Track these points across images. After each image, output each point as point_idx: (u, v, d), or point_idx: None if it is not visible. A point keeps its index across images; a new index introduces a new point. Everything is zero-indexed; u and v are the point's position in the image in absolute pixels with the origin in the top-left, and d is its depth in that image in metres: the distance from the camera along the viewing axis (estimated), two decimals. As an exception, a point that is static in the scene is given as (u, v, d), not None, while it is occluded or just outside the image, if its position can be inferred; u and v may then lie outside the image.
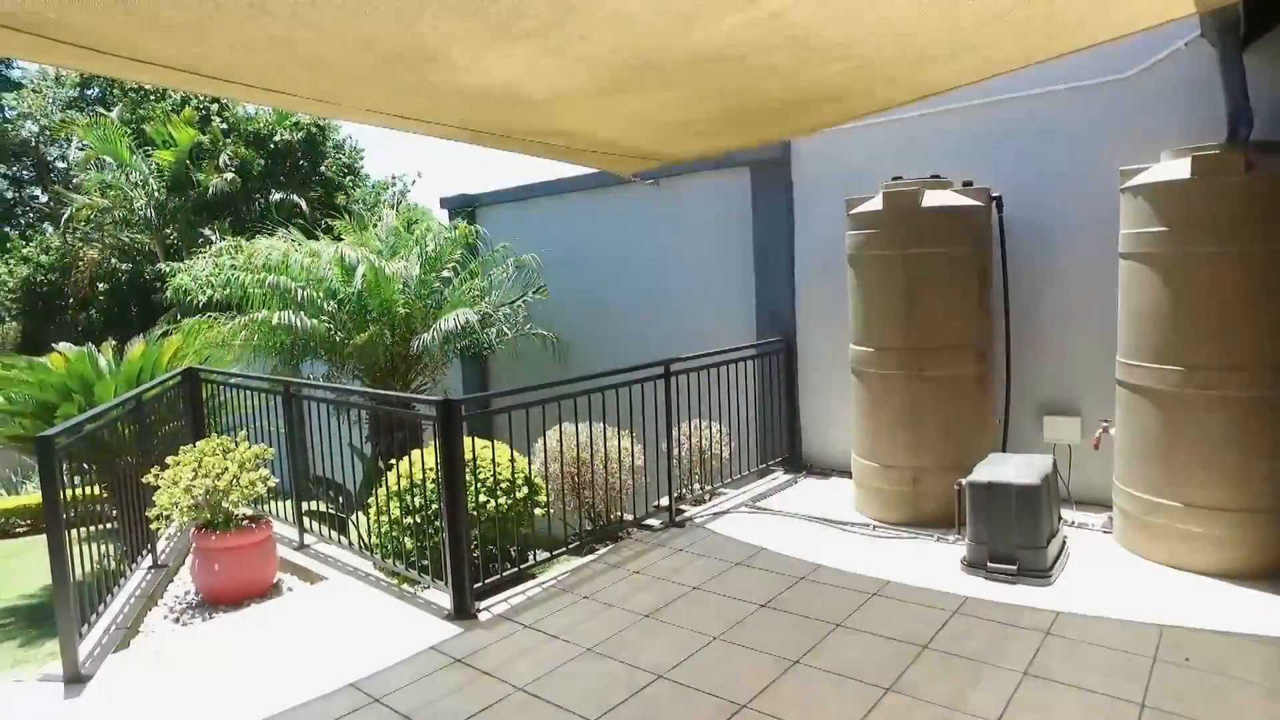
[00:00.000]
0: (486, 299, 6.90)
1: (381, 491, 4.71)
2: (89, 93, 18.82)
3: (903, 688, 3.20)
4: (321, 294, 6.65)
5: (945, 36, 2.99)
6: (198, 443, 4.67)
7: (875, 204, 5.41)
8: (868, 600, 4.11)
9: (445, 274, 7.32)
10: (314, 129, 16.80)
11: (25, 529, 10.57)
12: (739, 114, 3.90)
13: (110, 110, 16.20)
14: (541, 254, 7.93)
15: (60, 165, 18.64)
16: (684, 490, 5.97)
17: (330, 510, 6.25)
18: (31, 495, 10.91)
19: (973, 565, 4.40)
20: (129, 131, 14.80)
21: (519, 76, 3.00)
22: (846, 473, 6.26)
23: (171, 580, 4.91)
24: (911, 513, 5.28)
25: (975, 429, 5.34)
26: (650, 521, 5.52)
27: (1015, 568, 4.22)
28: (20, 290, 16.28)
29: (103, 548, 4.34)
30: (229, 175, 14.24)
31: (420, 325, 6.93)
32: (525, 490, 4.71)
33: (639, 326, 7.98)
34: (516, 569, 4.46)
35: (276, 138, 16.04)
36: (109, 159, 14.39)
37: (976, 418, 5.36)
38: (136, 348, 7.20)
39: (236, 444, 4.63)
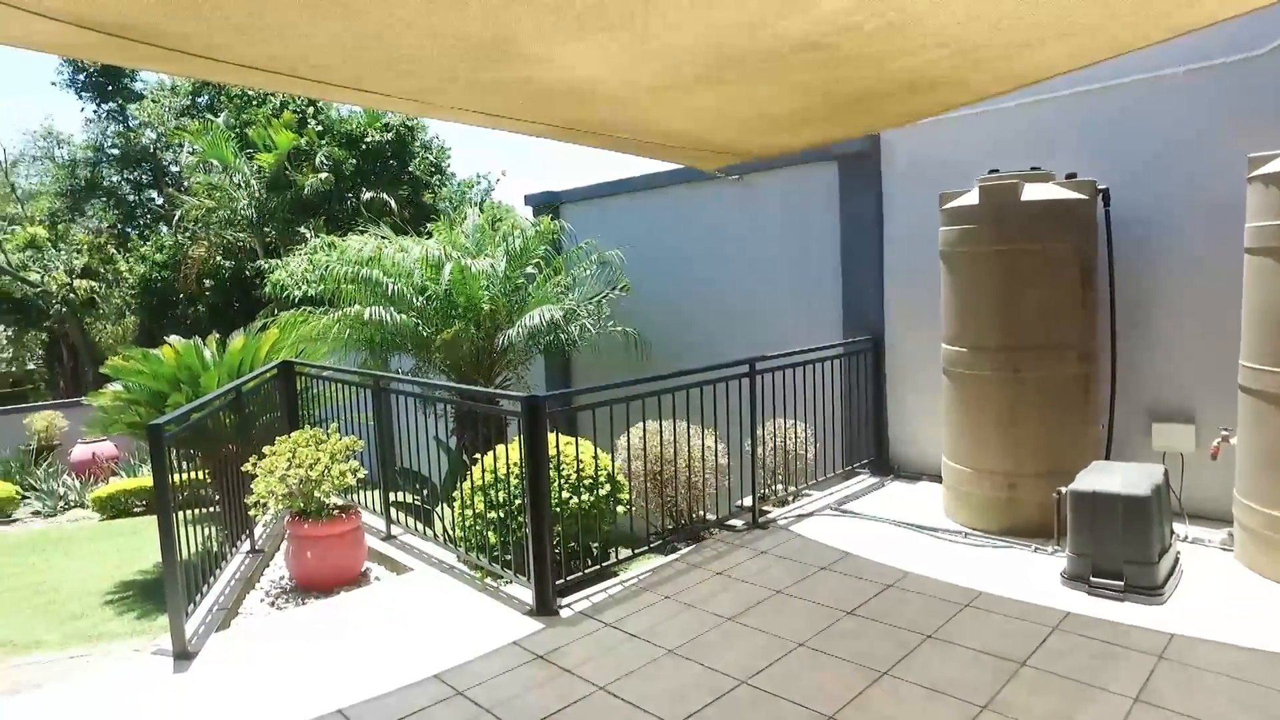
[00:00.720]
0: (570, 295, 6.95)
1: (466, 485, 4.79)
2: (199, 100, 19.88)
3: (1000, 706, 3.04)
4: (410, 290, 6.83)
5: (1051, 18, 2.81)
6: (292, 433, 4.85)
7: (971, 198, 5.17)
8: (959, 611, 3.93)
9: (529, 270, 7.40)
10: (403, 129, 17.30)
11: (141, 509, 11.24)
12: (828, 106, 3.78)
13: (217, 116, 17.08)
14: (623, 250, 7.94)
15: (174, 169, 19.77)
16: (767, 491, 5.87)
17: (415, 502, 6.41)
18: (145, 478, 11.59)
19: (1074, 579, 4.16)
20: (233, 136, 15.57)
21: (602, 71, 2.97)
22: (936, 477, 6.04)
23: (268, 565, 5.12)
24: (1006, 521, 5.03)
25: (1076, 434, 5.05)
26: (733, 522, 5.45)
27: (1122, 584, 3.96)
28: (138, 286, 17.35)
29: (206, 531, 4.55)
30: (324, 175, 14.82)
31: (505, 321, 7.03)
32: (608, 488, 4.71)
33: (720, 324, 7.89)
34: (598, 567, 4.46)
35: (368, 138, 16.58)
36: (216, 162, 15.19)
37: (1077, 422, 5.07)
38: (237, 341, 7.54)
39: (328, 435, 4.79)
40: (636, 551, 4.79)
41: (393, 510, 5.50)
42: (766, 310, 7.61)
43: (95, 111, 19.51)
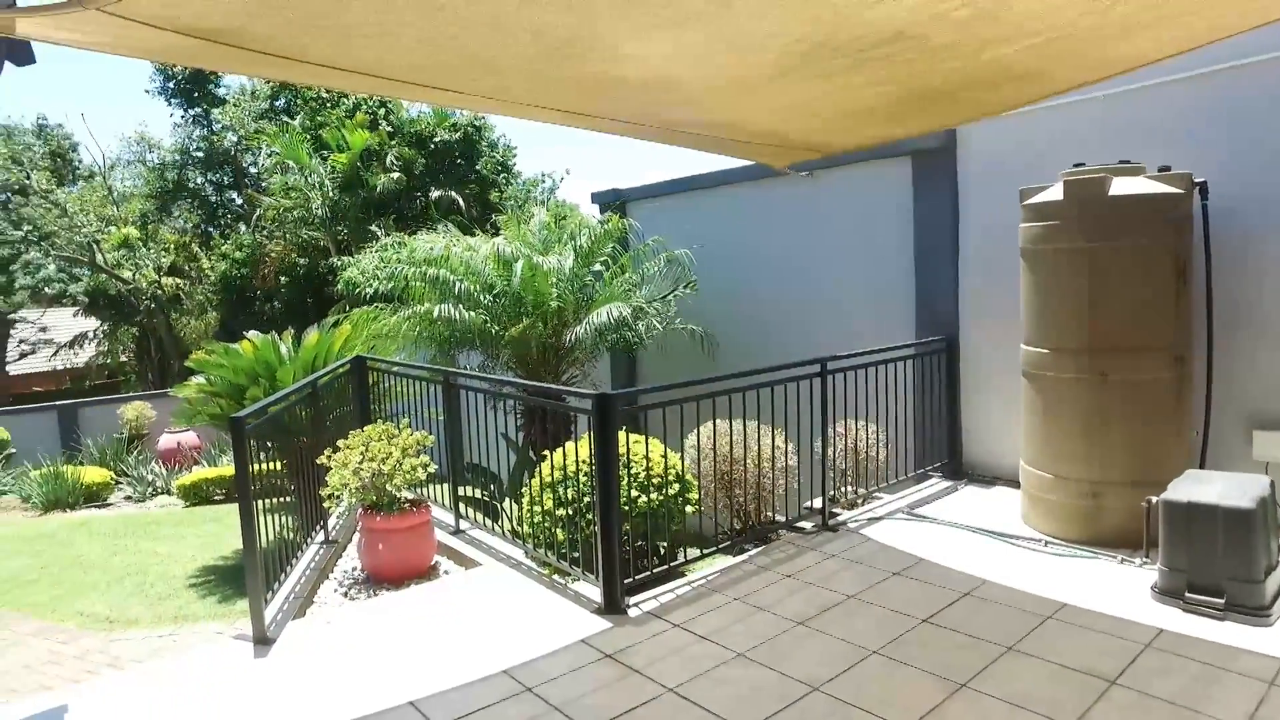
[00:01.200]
0: (637, 293, 6.94)
1: (535, 481, 4.82)
2: (277, 104, 20.59)
3: (1089, 726, 2.90)
4: (478, 287, 6.93)
5: (1146, 4, 2.65)
6: (365, 427, 4.95)
7: (1055, 193, 4.96)
8: (1042, 623, 3.77)
9: (596, 268, 7.43)
10: (470, 129, 17.59)
11: (221, 497, 11.70)
12: (911, 100, 3.67)
13: (294, 119, 17.65)
14: (689, 248, 7.89)
15: (253, 171, 20.53)
16: (836, 493, 5.75)
17: (482, 496, 6.49)
18: (225, 467, 12.06)
19: (1166, 594, 3.95)
20: (308, 138, 16.07)
21: (683, 65, 2.93)
22: (1013, 482, 5.83)
23: (340, 556, 5.25)
24: (1089, 530, 4.82)
25: (1167, 441, 4.80)
26: (802, 524, 5.35)
27: (1222, 601, 3.74)
28: (219, 283, 18.07)
29: (283, 521, 4.69)
30: (395, 175, 15.17)
31: (572, 318, 7.07)
32: (677, 487, 4.67)
33: (788, 323, 7.78)
34: (666, 566, 4.44)
35: (436, 138, 16.91)
36: (292, 163, 15.71)
37: (1169, 429, 4.81)
38: (311, 336, 7.77)
39: (400, 430, 4.88)
40: (705, 552, 4.75)
41: (461, 505, 5.58)
42: (835, 309, 7.47)
43: (182, 117, 20.37)
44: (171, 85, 20.02)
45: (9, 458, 12.76)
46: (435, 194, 16.17)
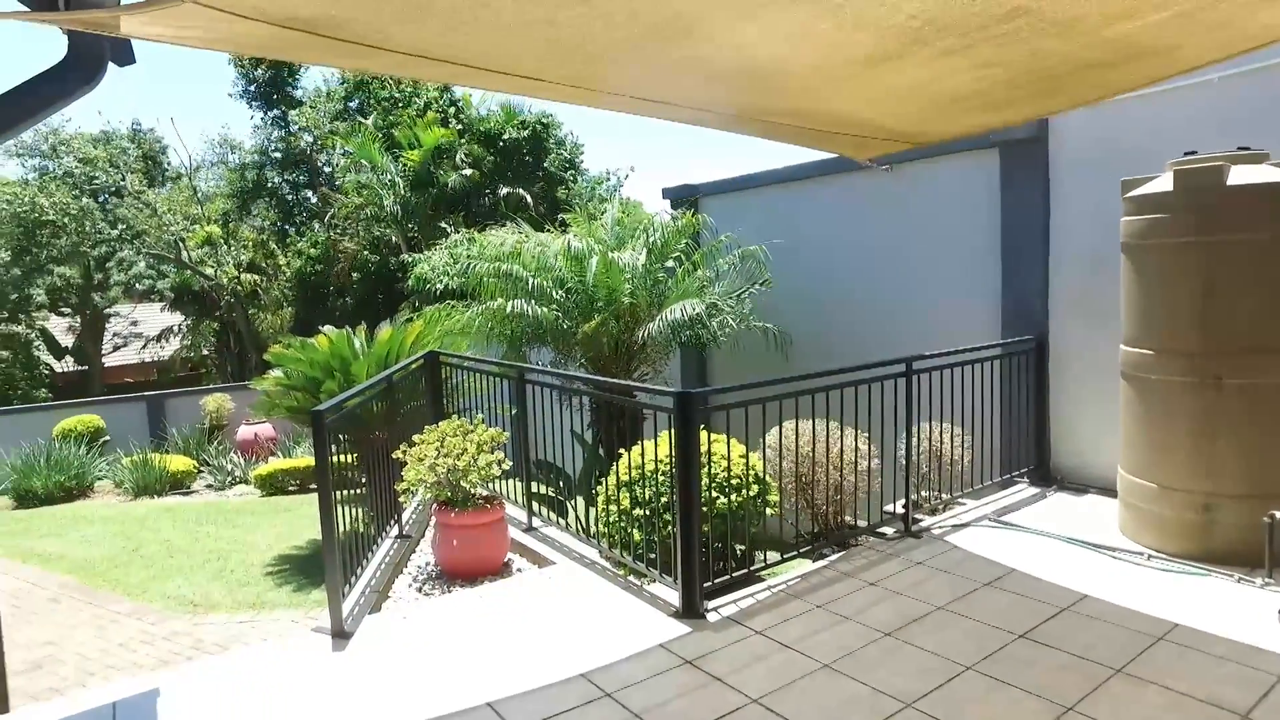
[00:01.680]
0: (711, 290, 6.81)
1: (610, 480, 4.74)
2: (351, 105, 21.09)
3: (1217, 761, 2.66)
4: (550, 283, 6.89)
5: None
6: (440, 423, 4.95)
7: (1163, 184, 4.64)
8: (1152, 645, 3.51)
9: (669, 264, 7.32)
10: (538, 126, 17.69)
11: (295, 488, 12.01)
12: (1019, 84, 3.45)
13: (366, 119, 18.03)
14: (765, 244, 7.72)
15: (327, 170, 21.08)
16: (918, 498, 5.53)
17: (551, 493, 6.45)
18: (299, 459, 12.38)
19: (1293, 616, 3.64)
20: (380, 137, 16.38)
21: (784, 48, 2.80)
22: (1107, 490, 5.52)
23: (414, 551, 5.27)
24: (1199, 545, 4.49)
25: (1290, 451, 4.44)
26: (884, 529, 5.15)
27: (1360, 626, 3.43)
28: (295, 279, 18.61)
29: (359, 514, 4.72)
30: (467, 172, 15.33)
31: (644, 315, 6.99)
32: (756, 489, 4.54)
33: (863, 321, 7.54)
34: (745, 570, 4.30)
35: (505, 136, 17.05)
36: (365, 161, 16.03)
37: (1293, 438, 4.45)
38: (384, 332, 7.87)
39: (475, 426, 4.86)
40: (785, 556, 4.59)
41: (533, 502, 5.54)
42: (914, 308, 7.20)
43: (262, 119, 21.06)
44: (252, 89, 20.69)
45: (105, 444, 13.35)
46: (504, 191, 16.31)
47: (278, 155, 20.83)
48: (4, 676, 4.76)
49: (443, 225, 15.29)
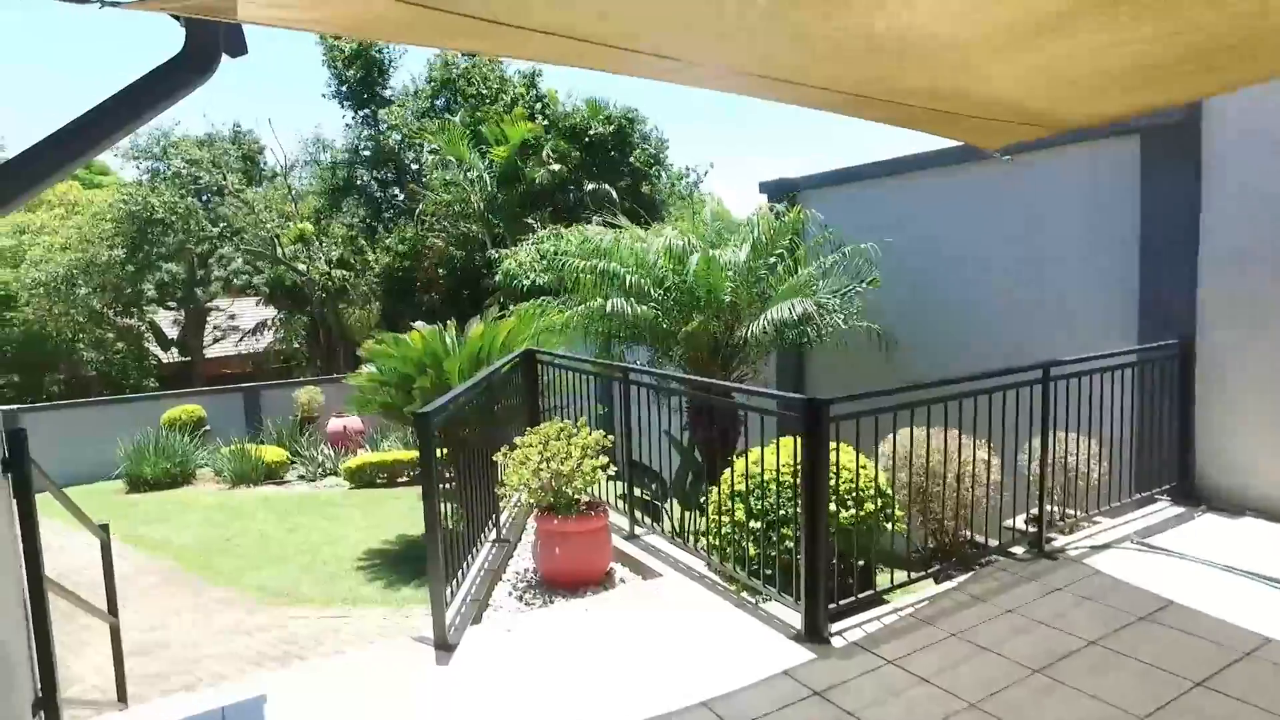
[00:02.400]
0: (816, 287, 6.46)
1: (718, 489, 4.47)
2: (437, 103, 21.41)
3: None
4: (649, 281, 6.66)
5: None
6: (543, 425, 4.77)
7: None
8: (1362, 701, 3.03)
9: (770, 261, 7.00)
10: (624, 121, 17.54)
11: (383, 481, 12.17)
12: (1200, 54, 3.02)
13: (453, 116, 18.21)
14: (873, 241, 7.32)
15: (414, 167, 21.45)
16: (1047, 514, 5.07)
17: (645, 497, 6.23)
18: (387, 453, 12.55)
19: None
20: (468, 133, 16.49)
21: (941, 15, 2.48)
22: (1271, 514, 4.94)
23: (512, 556, 5.10)
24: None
25: None
26: (1014, 549, 4.72)
27: None
28: (382, 275, 18.96)
29: (460, 518, 4.57)
30: (555, 167, 15.28)
31: (746, 314, 6.69)
32: (878, 502, 4.20)
33: (976, 324, 7.05)
34: (872, 591, 3.97)
35: (591, 131, 16.95)
36: (452, 158, 16.16)
37: None
38: (476, 328, 7.79)
39: (578, 429, 4.66)
40: (914, 577, 4.23)
41: (626, 506, 5.31)
42: (1035, 310, 6.68)
43: (353, 118, 21.57)
44: (344, 89, 21.20)
45: (206, 433, 13.84)
46: (590, 187, 16.21)
47: (367, 154, 21.29)
48: (122, 672, 4.84)
49: (528, 221, 15.29)
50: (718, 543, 4.35)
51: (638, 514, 5.27)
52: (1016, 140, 4.93)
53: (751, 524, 4.08)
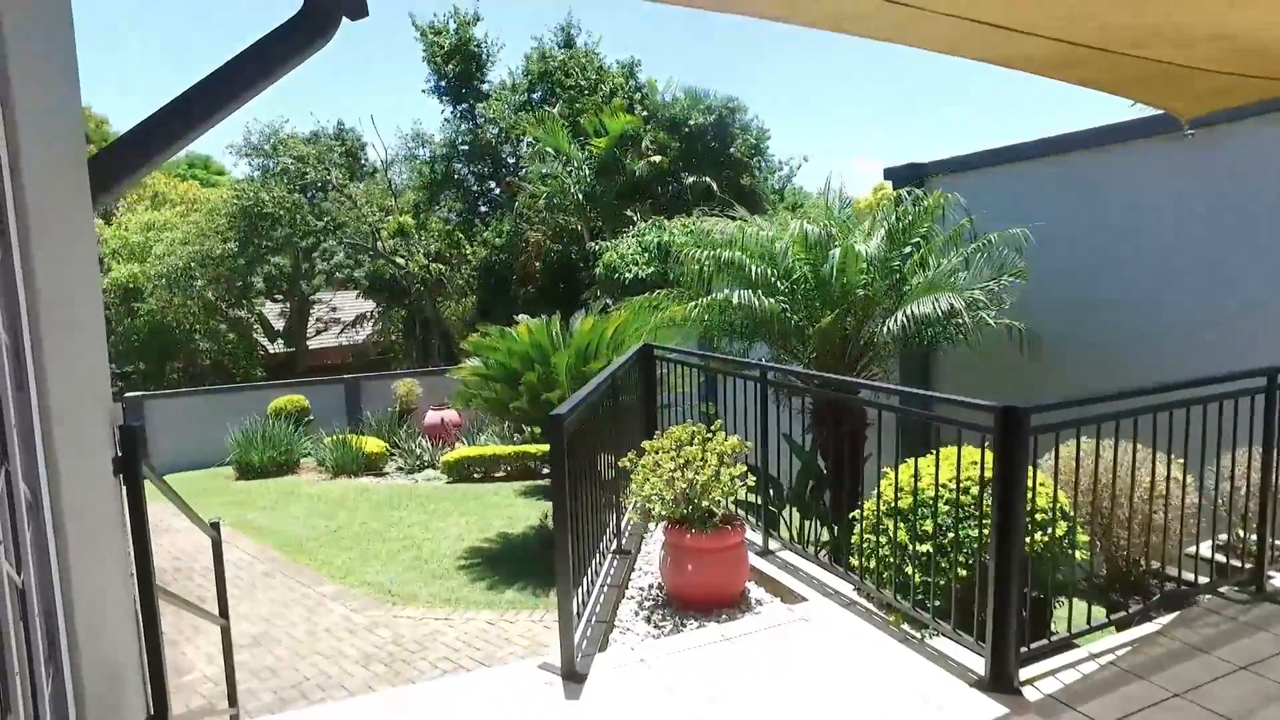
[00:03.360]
0: (958, 280, 5.81)
1: (873, 504, 3.95)
2: (534, 96, 21.35)
3: None
4: (775, 272, 6.14)
5: None
6: (673, 428, 4.33)
7: None
8: None
9: (905, 251, 6.37)
10: (724, 111, 16.99)
11: (480, 475, 12.06)
12: None
13: (550, 108, 18.04)
14: (1011, 228, 6.60)
15: (510, 161, 21.46)
16: (1235, 540, 4.34)
17: (761, 502, 5.74)
18: (485, 447, 12.44)
19: None
20: (566, 125, 16.26)
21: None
22: None
23: (634, 569, 4.70)
24: None
25: None
26: (1221, 587, 4.02)
27: None
28: (479, 269, 19.01)
29: (583, 527, 4.19)
30: (655, 159, 14.88)
31: (880, 309, 6.11)
32: (1063, 526, 3.60)
33: (1144, 322, 6.25)
34: (1068, 634, 3.38)
35: (691, 121, 16.48)
36: (550, 150, 15.95)
37: None
38: (585, 321, 7.46)
39: (713, 432, 4.20)
40: (1113, 618, 3.61)
41: (750, 514, 4.84)
42: (1220, 306, 5.85)
43: (451, 113, 21.74)
44: (443, 84, 21.37)
45: (309, 423, 14.08)
46: (689, 179, 15.74)
47: (464, 148, 21.41)
48: (233, 674, 4.69)
49: (628, 213, 14.94)
50: (872, 565, 3.84)
51: (777, 528, 4.78)
52: (1224, 106, 4.23)
53: (918, 547, 3.55)
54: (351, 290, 25.09)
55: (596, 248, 13.24)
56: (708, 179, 15.81)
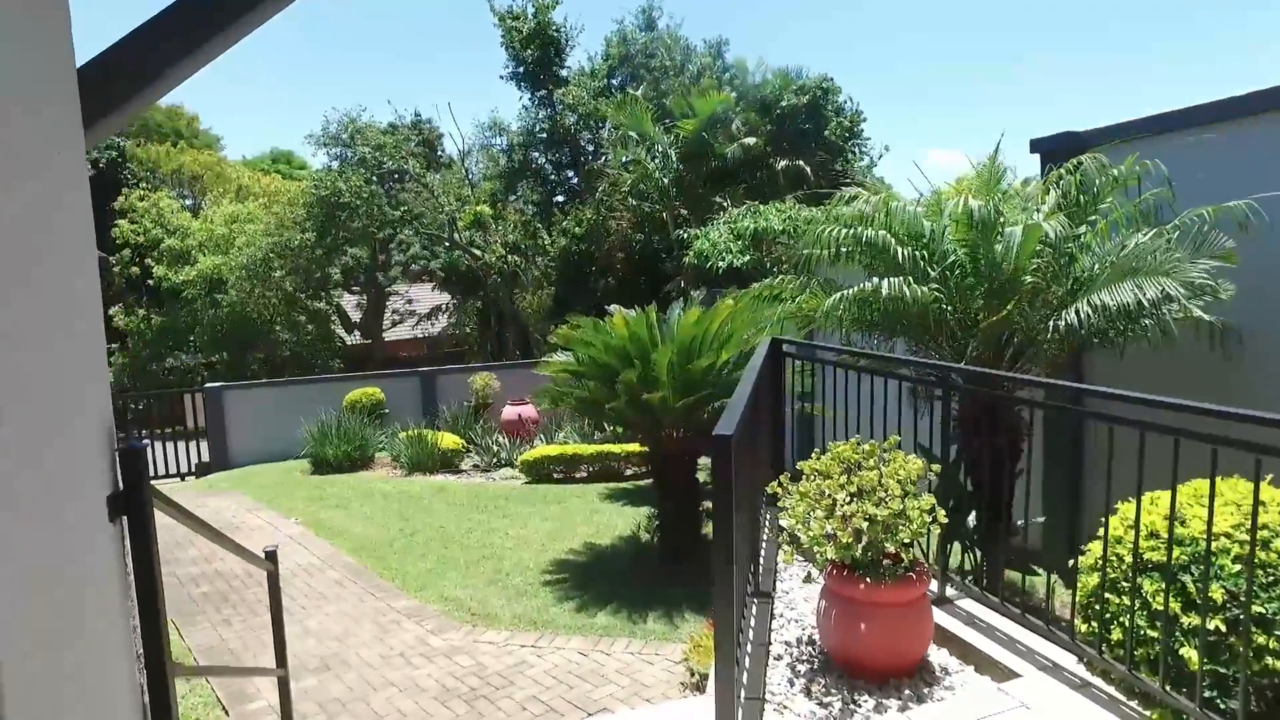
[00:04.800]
0: (1156, 261, 4.71)
1: (1099, 546, 2.97)
2: (613, 81, 20.59)
3: None
4: (926, 256, 5.13)
5: None
6: (833, 445, 3.42)
7: None
8: None
9: (1077, 230, 5.28)
10: (818, 91, 15.88)
11: (560, 476, 11.39)
12: None
13: (635, 91, 17.20)
14: (1195, 205, 5.44)
15: (589, 149, 20.75)
16: None
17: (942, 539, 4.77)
18: (565, 445, 11.75)
19: None
20: (652, 108, 15.40)
21: None
22: None
23: (773, 616, 3.83)
24: None
25: None
26: None
27: None
28: (558, 259, 18.34)
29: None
30: (749, 140, 13.88)
31: (1044, 299, 5.05)
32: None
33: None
34: None
35: (782, 102, 15.43)
36: (634, 135, 15.10)
37: None
38: (690, 313, 6.59)
39: (888, 454, 3.27)
40: None
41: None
42: None
43: (529, 99, 21.16)
44: (521, 70, 20.81)
45: (384, 416, 13.66)
46: (781, 163, 14.70)
47: (543, 136, 20.80)
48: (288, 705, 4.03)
49: (717, 200, 14.00)
50: (1115, 635, 2.87)
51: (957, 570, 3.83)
52: None
53: (1190, 619, 2.57)
54: (426, 283, 24.87)
55: (685, 235, 12.33)
56: (801, 163, 14.74)
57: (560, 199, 21.62)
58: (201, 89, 53.42)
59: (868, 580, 3.04)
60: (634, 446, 11.54)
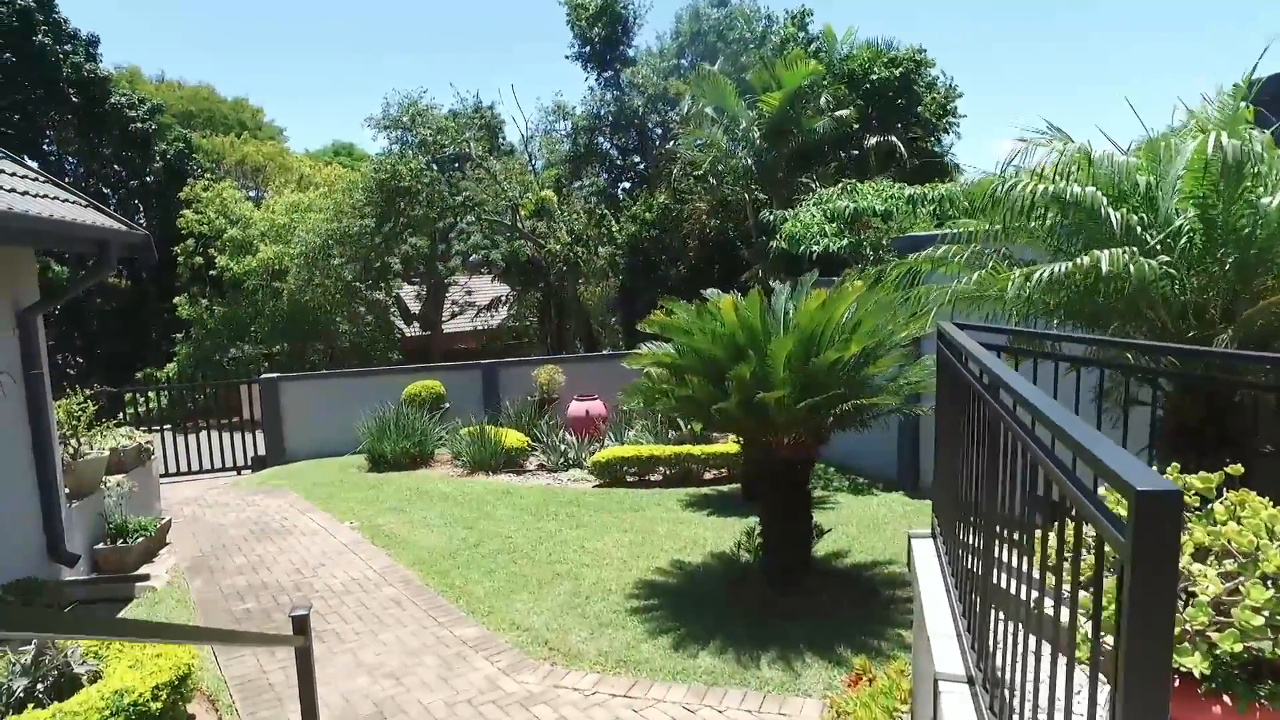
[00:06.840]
0: None
1: None
2: (684, 61, 19.50)
3: None
4: (1147, 220, 3.92)
5: None
6: (1242, 495, 2.21)
7: None
8: None
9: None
10: (910, 64, 14.53)
11: (634, 479, 10.45)
12: None
13: (712, 66, 16.06)
14: None
15: (657, 133, 19.68)
16: None
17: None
18: (638, 446, 10.79)
19: None
20: (731, 82, 14.25)
21: None
22: None
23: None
24: None
25: None
26: None
27: None
28: (625, 246, 17.34)
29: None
30: (842, 113, 12.62)
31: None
32: None
33: None
34: None
35: (872, 76, 14.13)
36: (710, 112, 13.95)
37: None
38: (814, 297, 5.48)
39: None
40: None
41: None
42: None
43: (596, 80, 20.21)
44: (586, 50, 19.89)
45: (444, 411, 12.88)
46: (871, 140, 13.41)
47: (609, 119, 19.81)
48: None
49: (803, 180, 12.79)
50: None
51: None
52: None
53: None
54: (485, 274, 24.14)
55: (773, 218, 11.17)
56: (894, 139, 13.43)
57: (626, 185, 20.62)
58: (265, 81, 54.04)
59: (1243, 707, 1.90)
60: (715, 448, 10.50)
